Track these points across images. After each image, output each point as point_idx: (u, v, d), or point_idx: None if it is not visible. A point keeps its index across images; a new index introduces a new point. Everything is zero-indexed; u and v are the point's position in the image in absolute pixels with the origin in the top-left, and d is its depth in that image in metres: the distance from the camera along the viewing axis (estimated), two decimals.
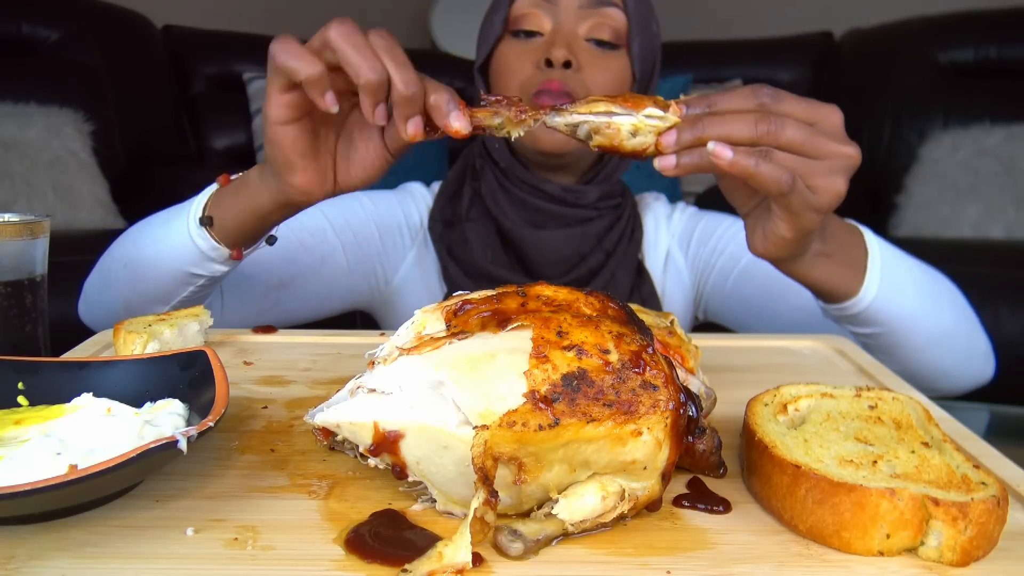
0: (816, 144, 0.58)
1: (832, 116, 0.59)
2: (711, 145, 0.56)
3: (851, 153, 0.59)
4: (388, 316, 1.07)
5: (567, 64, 0.90)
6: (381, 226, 1.02)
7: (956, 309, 0.83)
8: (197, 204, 0.75)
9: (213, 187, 0.75)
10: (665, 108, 0.57)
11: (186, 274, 0.76)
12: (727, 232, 1.03)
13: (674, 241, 1.06)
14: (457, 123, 0.57)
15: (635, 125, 0.57)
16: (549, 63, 0.90)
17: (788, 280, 0.95)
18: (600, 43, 0.93)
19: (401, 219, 1.05)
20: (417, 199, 1.07)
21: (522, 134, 0.59)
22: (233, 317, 0.91)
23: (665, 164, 0.57)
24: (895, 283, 0.75)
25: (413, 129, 0.57)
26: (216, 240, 0.73)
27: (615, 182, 1.01)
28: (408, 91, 0.57)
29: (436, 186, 1.08)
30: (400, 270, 1.04)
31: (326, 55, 0.58)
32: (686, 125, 0.57)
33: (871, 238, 0.75)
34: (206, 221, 0.73)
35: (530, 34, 0.93)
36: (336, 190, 0.67)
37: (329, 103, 0.57)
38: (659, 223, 1.07)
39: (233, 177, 0.74)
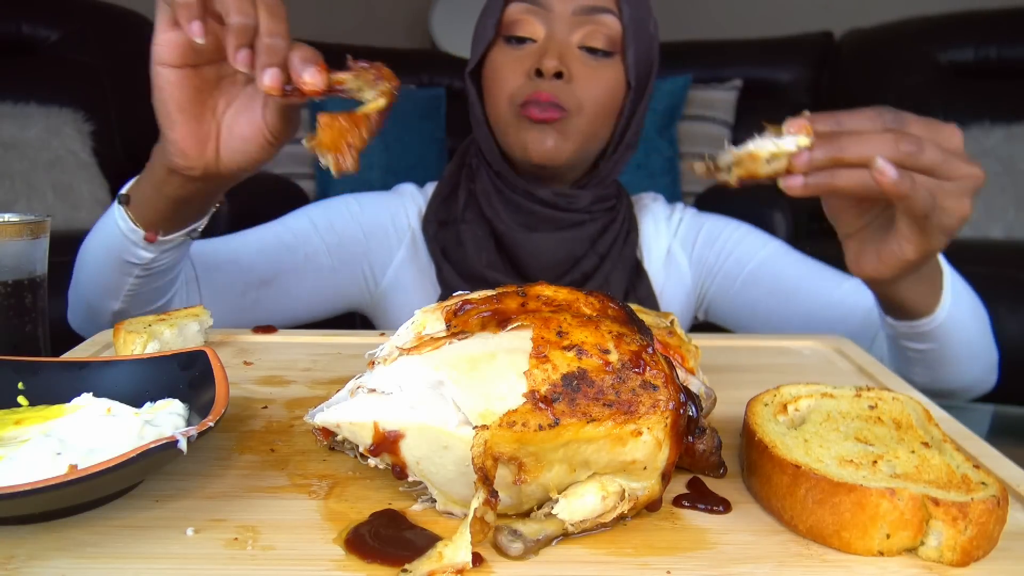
0: (950, 166, 0.58)
1: (955, 137, 0.59)
2: (879, 162, 0.55)
3: (978, 173, 0.59)
4: (381, 318, 1.06)
5: (559, 75, 0.89)
6: (367, 228, 1.02)
7: (986, 324, 0.85)
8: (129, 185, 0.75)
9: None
10: (779, 133, 0.58)
11: (121, 262, 0.77)
12: (732, 236, 1.03)
13: (676, 241, 1.06)
14: (309, 78, 0.57)
15: (773, 152, 0.57)
16: (540, 73, 0.89)
17: (795, 285, 0.97)
18: (593, 51, 0.91)
19: (388, 221, 1.04)
20: (407, 201, 1.06)
21: (374, 99, 0.58)
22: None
23: (792, 183, 0.57)
24: (959, 302, 0.77)
25: (269, 81, 0.57)
26: (132, 220, 0.73)
27: (609, 184, 1.00)
28: (271, 40, 0.57)
29: (430, 187, 1.08)
30: (388, 273, 1.03)
31: (214, 4, 0.58)
32: (819, 144, 0.56)
33: (941, 257, 0.76)
34: (124, 199, 0.73)
35: (522, 40, 0.92)
36: (218, 165, 0.66)
37: (195, 31, 0.57)
38: (658, 223, 1.07)
39: None
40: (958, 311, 0.77)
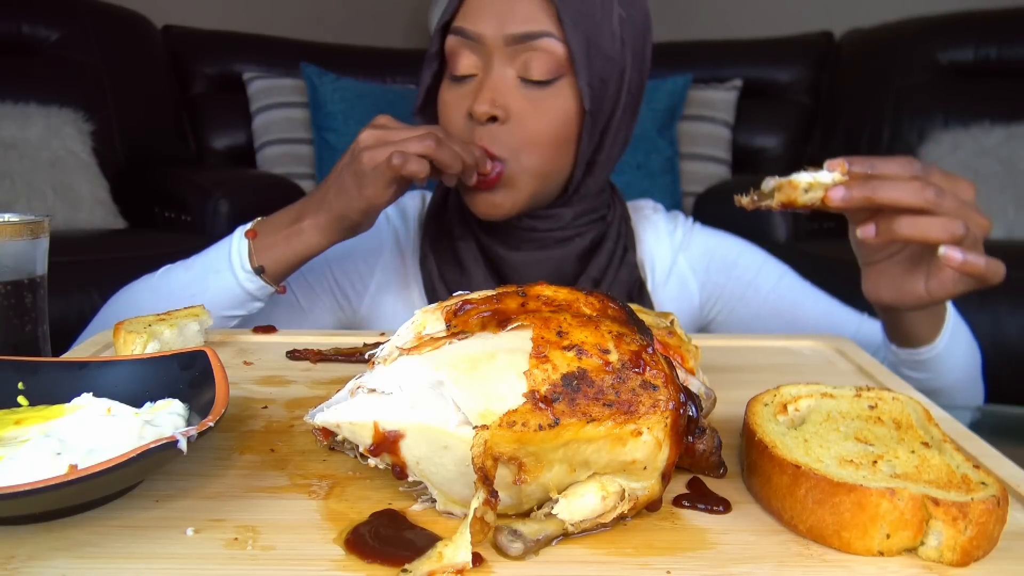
0: (967, 216, 0.64)
1: (970, 190, 0.66)
2: (943, 250, 0.64)
3: (988, 224, 0.66)
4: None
5: (494, 118, 0.83)
6: (332, 259, 0.97)
7: (978, 363, 0.88)
8: (238, 254, 0.84)
9: (239, 240, 0.84)
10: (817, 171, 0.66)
11: (221, 319, 0.85)
12: (752, 263, 1.01)
13: (683, 258, 1.02)
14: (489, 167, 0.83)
15: (810, 183, 0.65)
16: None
17: (815, 321, 0.99)
18: (533, 82, 0.83)
19: (354, 245, 0.97)
20: (380, 217, 0.98)
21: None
22: None
23: (834, 195, 0.64)
24: (957, 335, 0.82)
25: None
26: (267, 282, 0.84)
27: (597, 195, 0.94)
28: (471, 156, 0.80)
29: (409, 196, 1.04)
30: (365, 299, 0.99)
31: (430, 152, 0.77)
32: (855, 184, 0.64)
33: None
34: (260, 270, 0.84)
35: (463, 78, 0.85)
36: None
37: (450, 181, 0.82)
38: (660, 237, 1.02)
39: (251, 226, 0.85)
40: (955, 344, 0.81)
